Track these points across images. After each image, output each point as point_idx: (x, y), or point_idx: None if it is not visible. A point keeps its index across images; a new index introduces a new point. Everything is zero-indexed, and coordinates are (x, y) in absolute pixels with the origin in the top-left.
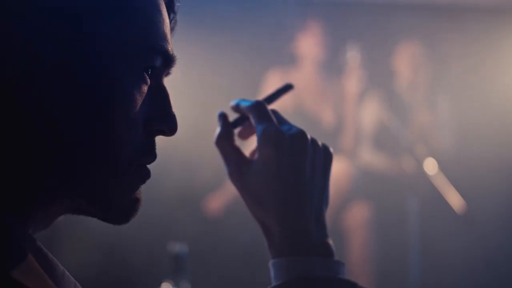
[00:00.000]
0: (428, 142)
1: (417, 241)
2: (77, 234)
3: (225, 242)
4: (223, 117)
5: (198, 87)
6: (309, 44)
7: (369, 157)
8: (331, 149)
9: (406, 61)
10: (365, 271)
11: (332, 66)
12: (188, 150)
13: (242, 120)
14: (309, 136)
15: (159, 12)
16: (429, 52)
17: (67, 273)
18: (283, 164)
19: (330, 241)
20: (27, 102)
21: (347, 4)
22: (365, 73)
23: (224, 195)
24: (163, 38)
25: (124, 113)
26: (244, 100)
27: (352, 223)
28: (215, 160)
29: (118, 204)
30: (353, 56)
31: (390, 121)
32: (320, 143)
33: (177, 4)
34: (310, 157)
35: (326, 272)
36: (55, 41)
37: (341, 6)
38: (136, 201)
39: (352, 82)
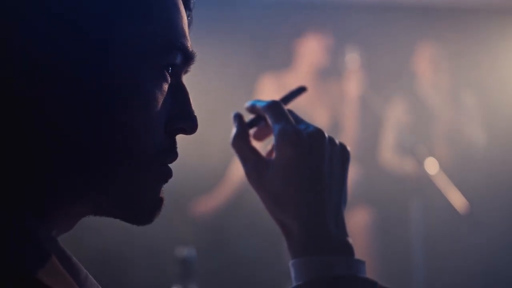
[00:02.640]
0: (453, 142)
1: (420, 242)
2: (84, 240)
3: (232, 245)
4: (238, 117)
5: (193, 89)
6: (306, 47)
7: (390, 161)
8: (348, 148)
9: (424, 62)
10: (368, 272)
11: (330, 69)
12: (185, 153)
13: (257, 120)
14: (326, 135)
15: (177, 8)
16: (445, 52)
17: (90, 276)
18: (302, 163)
19: (350, 240)
20: (27, 102)
21: (350, 7)
22: (373, 76)
23: (218, 196)
24: (182, 35)
25: (144, 112)
26: (259, 100)
27: (354, 226)
28: (213, 162)
29: (142, 203)
30: (352, 58)
31: (392, 123)
32: (337, 141)
33: (192, 1)
34: (328, 156)
35: (348, 271)
36: (56, 41)
37: (342, 9)
38: (160, 200)
39: (351, 85)
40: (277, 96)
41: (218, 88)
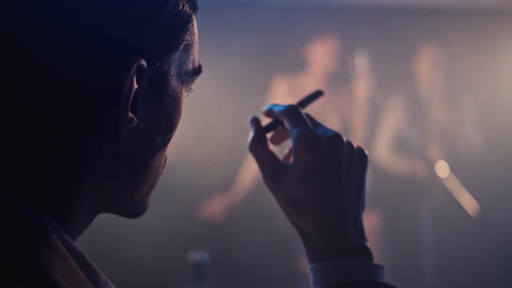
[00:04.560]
0: (449, 143)
1: (430, 243)
2: (97, 247)
3: (244, 247)
4: (256, 121)
5: (204, 92)
6: (317, 51)
7: (385, 161)
8: (366, 152)
9: (425, 65)
10: None
11: (341, 73)
12: (199, 157)
13: (275, 124)
14: (344, 139)
15: (197, 36)
16: (447, 55)
17: (109, 282)
18: (320, 167)
19: (368, 244)
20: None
21: (357, 10)
22: (382, 78)
23: (230, 197)
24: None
25: (171, 132)
26: (276, 104)
27: (365, 227)
28: (224, 165)
29: (146, 204)
30: (361, 62)
31: (402, 125)
32: (355, 145)
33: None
34: (346, 160)
35: (367, 276)
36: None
37: (351, 12)
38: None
39: (361, 88)
40: (289, 99)
41: (229, 91)
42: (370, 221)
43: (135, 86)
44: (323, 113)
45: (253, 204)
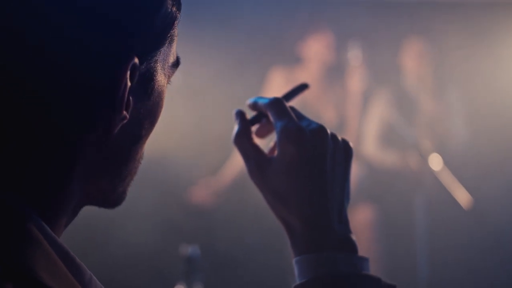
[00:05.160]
0: (437, 136)
1: (424, 237)
2: (88, 243)
3: (235, 241)
4: (240, 114)
5: (200, 85)
6: (312, 44)
7: (374, 155)
8: (351, 144)
9: (412, 57)
10: (372, 268)
11: (335, 66)
12: (193, 151)
13: (259, 117)
14: (329, 131)
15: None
16: (434, 47)
17: (94, 277)
18: (305, 160)
19: (353, 237)
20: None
21: (351, 3)
22: (370, 71)
23: (216, 182)
24: None
25: (154, 123)
26: (261, 97)
27: (359, 222)
28: (219, 159)
29: (126, 194)
30: (355, 54)
31: (394, 118)
32: (340, 138)
33: None
34: (331, 153)
35: (351, 268)
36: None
37: (344, 5)
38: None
39: (354, 81)
40: (282, 92)
41: (225, 83)
42: (363, 215)
43: (129, 84)
44: (318, 106)
45: (246, 198)
